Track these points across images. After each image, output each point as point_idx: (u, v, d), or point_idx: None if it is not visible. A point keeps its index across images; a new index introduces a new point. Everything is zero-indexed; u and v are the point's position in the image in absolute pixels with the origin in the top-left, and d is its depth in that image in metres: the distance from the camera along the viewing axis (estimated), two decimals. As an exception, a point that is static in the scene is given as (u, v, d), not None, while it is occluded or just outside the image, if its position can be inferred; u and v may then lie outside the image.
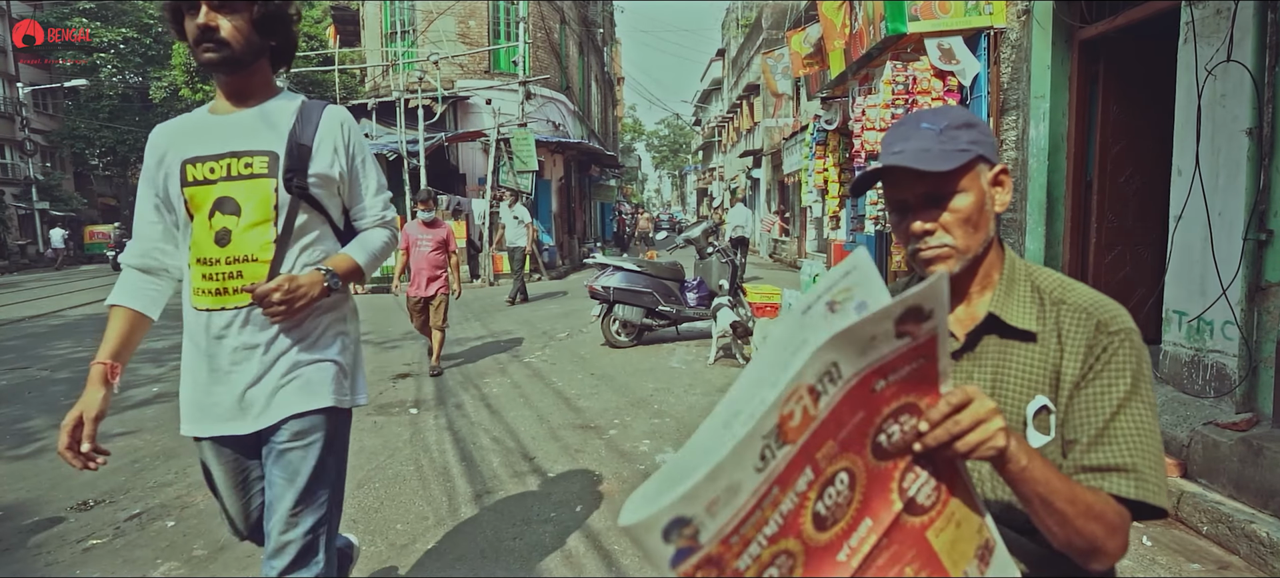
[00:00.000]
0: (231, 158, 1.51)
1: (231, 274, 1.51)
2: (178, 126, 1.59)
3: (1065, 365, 0.97)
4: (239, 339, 1.52)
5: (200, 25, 1.42)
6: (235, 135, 1.52)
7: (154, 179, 1.58)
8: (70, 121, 29.48)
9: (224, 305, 1.51)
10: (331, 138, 1.59)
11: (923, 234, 1.02)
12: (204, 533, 2.94)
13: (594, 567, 2.55)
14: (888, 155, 1.03)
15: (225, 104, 1.56)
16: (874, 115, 5.71)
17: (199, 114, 1.60)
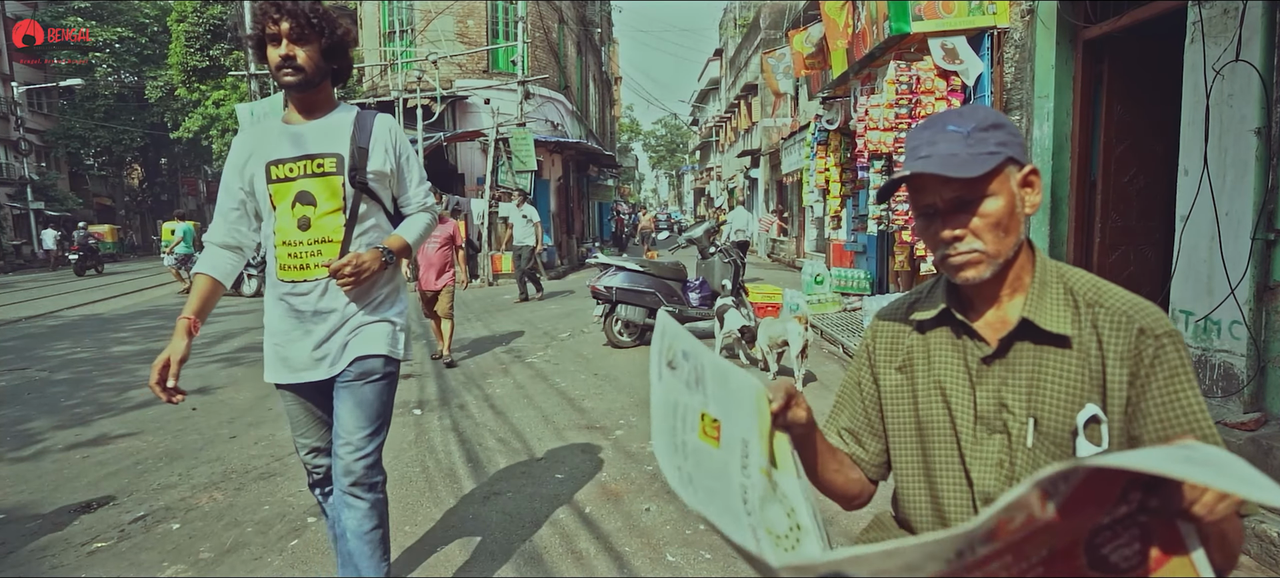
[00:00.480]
0: (307, 160, 1.90)
1: (313, 253, 1.90)
2: (259, 134, 1.96)
3: (1111, 372, 0.95)
4: (319, 305, 1.93)
5: (282, 55, 1.81)
6: (308, 142, 1.91)
7: (241, 175, 1.95)
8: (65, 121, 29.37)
9: (306, 277, 1.91)
10: (383, 141, 1.98)
11: (952, 240, 1.00)
12: (210, 536, 2.92)
13: (605, 568, 2.53)
14: (914, 160, 1.01)
15: (297, 116, 1.95)
16: (877, 115, 5.70)
17: (275, 123, 1.96)
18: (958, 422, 1.07)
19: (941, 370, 1.09)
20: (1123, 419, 0.95)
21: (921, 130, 1.04)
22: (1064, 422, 0.97)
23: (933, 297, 1.14)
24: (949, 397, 1.08)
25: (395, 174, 2.03)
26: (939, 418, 1.09)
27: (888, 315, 1.22)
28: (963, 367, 1.07)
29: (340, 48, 1.91)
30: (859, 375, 1.24)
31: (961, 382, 1.07)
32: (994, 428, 1.03)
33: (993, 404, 1.03)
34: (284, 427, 4.41)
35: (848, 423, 1.24)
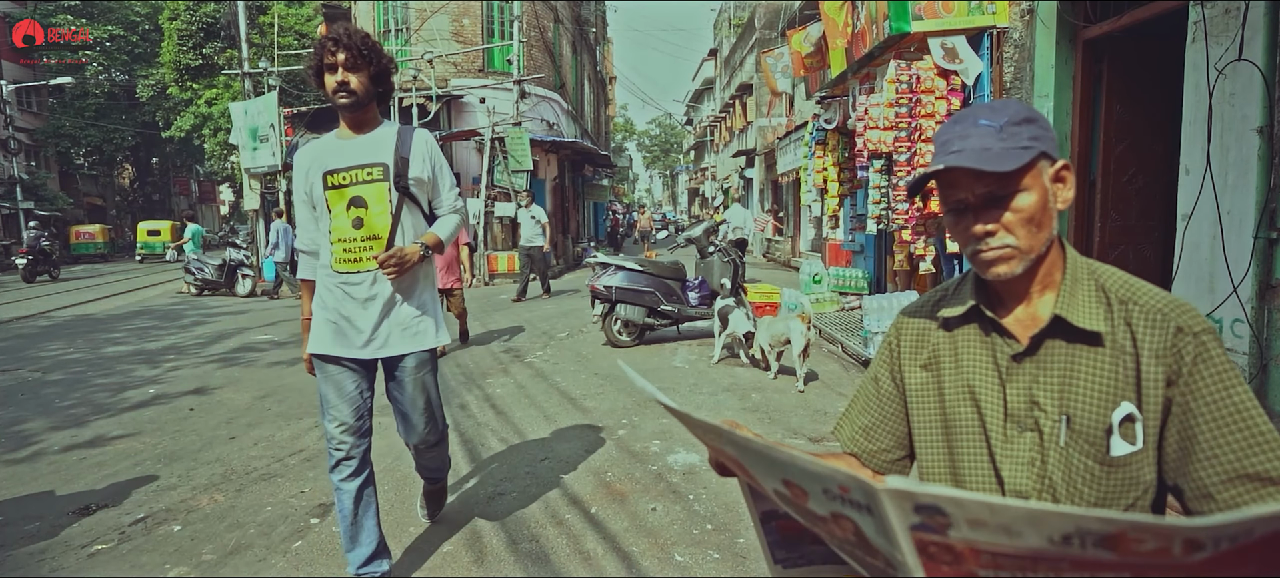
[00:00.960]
0: (358, 169, 2.24)
1: (364, 247, 2.25)
2: (317, 148, 2.31)
3: (1146, 370, 0.94)
4: (370, 292, 2.27)
5: (338, 81, 2.14)
6: (359, 154, 2.26)
7: (303, 186, 2.31)
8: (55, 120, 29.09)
9: (358, 269, 2.26)
10: (421, 152, 2.33)
11: (984, 235, 0.99)
12: (212, 538, 2.89)
13: (614, 568, 2.52)
14: (945, 155, 1.00)
15: (348, 132, 2.29)
16: (877, 114, 5.71)
17: (330, 138, 2.31)
18: (987, 420, 1.06)
19: (970, 368, 1.09)
20: (1158, 418, 0.94)
21: (953, 125, 1.03)
22: (1098, 420, 0.96)
23: (960, 294, 1.13)
24: (978, 395, 1.07)
25: (431, 181, 2.38)
26: (967, 416, 1.08)
27: (913, 313, 1.21)
28: (992, 364, 1.06)
29: (385, 74, 2.27)
30: (877, 372, 1.24)
31: (991, 380, 1.06)
32: (1025, 426, 1.02)
33: (1023, 402, 1.02)
34: (283, 428, 4.38)
35: (866, 422, 1.23)
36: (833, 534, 0.76)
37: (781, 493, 0.78)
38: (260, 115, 13.19)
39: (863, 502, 0.64)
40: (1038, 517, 0.54)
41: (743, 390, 4.97)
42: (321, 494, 3.29)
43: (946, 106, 5.40)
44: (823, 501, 0.70)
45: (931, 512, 0.58)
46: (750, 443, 0.72)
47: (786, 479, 0.73)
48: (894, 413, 1.20)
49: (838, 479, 0.65)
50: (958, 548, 0.60)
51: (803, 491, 0.72)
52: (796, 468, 0.68)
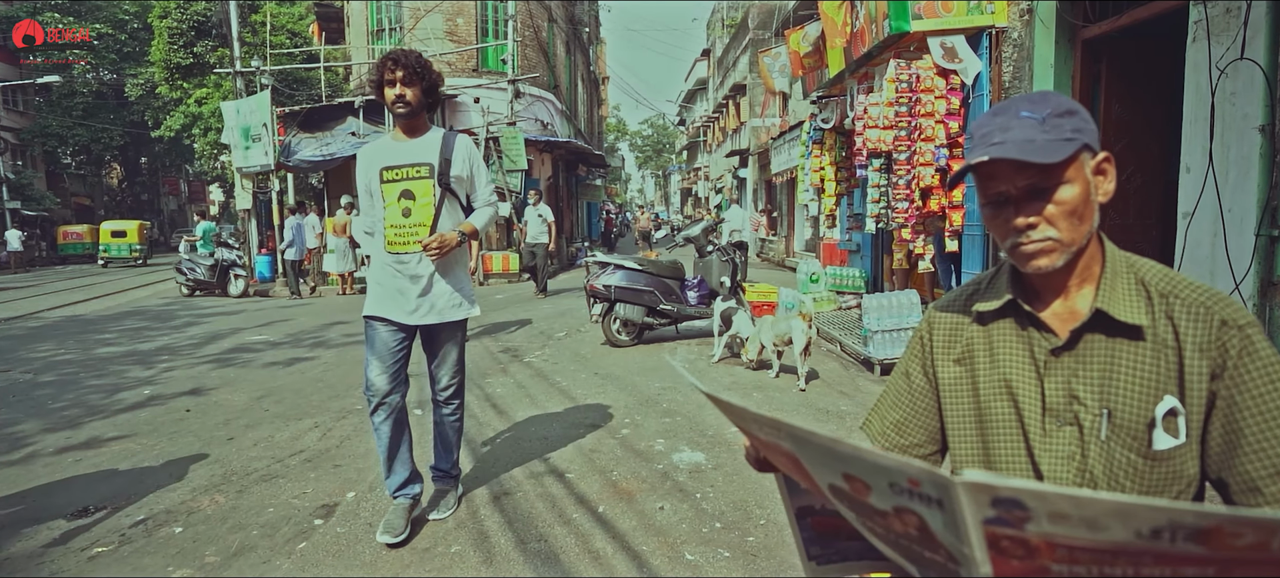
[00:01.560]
0: (409, 167, 2.71)
1: (413, 233, 2.71)
2: (375, 149, 2.80)
3: (1189, 364, 0.93)
4: (416, 269, 2.73)
5: (396, 94, 2.60)
6: (410, 154, 2.73)
7: (364, 179, 2.79)
8: (42, 119, 28.76)
9: (407, 250, 2.72)
10: (461, 154, 2.78)
11: (1025, 228, 0.99)
12: (215, 540, 2.85)
13: (624, 567, 2.50)
14: (986, 147, 0.99)
15: (402, 135, 2.76)
16: (876, 113, 5.72)
17: (386, 140, 2.80)
18: (1024, 415, 1.05)
19: (1006, 363, 1.08)
20: (1202, 412, 0.94)
21: (992, 117, 1.02)
22: (1140, 414, 0.96)
23: (995, 288, 1.13)
24: (1015, 389, 1.06)
25: (469, 178, 2.83)
26: (1003, 411, 1.08)
27: (945, 307, 1.21)
28: (1029, 358, 1.06)
29: (433, 89, 2.73)
30: (908, 367, 1.23)
31: (1028, 374, 1.05)
32: (1064, 421, 1.02)
33: (1062, 397, 1.02)
34: (282, 428, 4.34)
35: (897, 418, 1.23)
36: (890, 530, 0.75)
37: (838, 488, 0.77)
38: (252, 114, 13.08)
39: (934, 496, 0.63)
40: (1128, 510, 0.53)
41: (744, 389, 4.97)
42: (324, 495, 3.26)
43: (946, 106, 5.42)
44: (887, 495, 0.69)
45: (1011, 506, 0.58)
46: (815, 436, 0.71)
47: (847, 474, 0.72)
48: (926, 408, 1.20)
49: (908, 472, 0.64)
50: (1033, 542, 0.59)
51: (865, 485, 0.71)
52: (863, 461, 0.67)
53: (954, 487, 0.59)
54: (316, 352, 6.96)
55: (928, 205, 5.62)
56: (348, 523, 2.95)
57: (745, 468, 3.42)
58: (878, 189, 6.01)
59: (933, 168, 5.44)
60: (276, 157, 13.14)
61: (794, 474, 0.91)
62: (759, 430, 0.82)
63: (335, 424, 4.39)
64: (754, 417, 0.80)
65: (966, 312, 1.16)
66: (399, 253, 2.73)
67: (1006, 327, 1.10)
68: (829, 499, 0.85)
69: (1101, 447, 0.99)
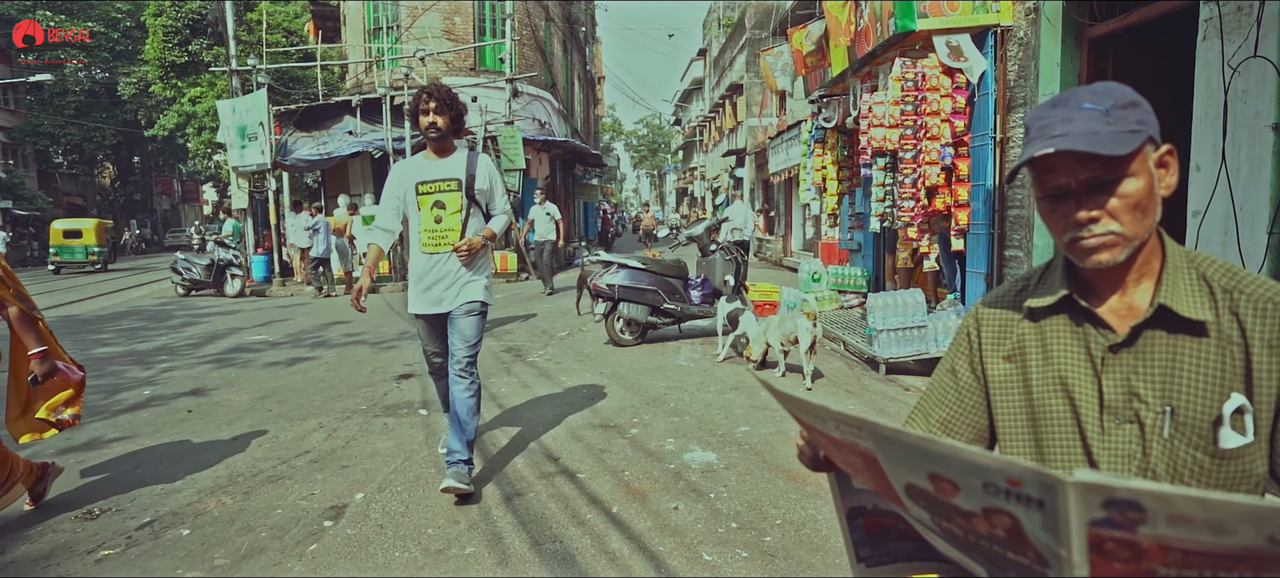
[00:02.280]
0: (441, 181, 3.24)
1: (443, 236, 3.23)
2: (409, 166, 3.33)
3: (1258, 360, 0.91)
4: (445, 267, 3.24)
5: (430, 121, 3.12)
6: (441, 171, 3.25)
7: (397, 190, 3.29)
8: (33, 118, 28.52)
9: (438, 250, 3.23)
10: (483, 170, 3.31)
11: (1087, 222, 0.96)
12: (223, 542, 2.81)
13: (642, 568, 2.48)
14: (1047, 139, 0.97)
15: (433, 155, 3.29)
16: (881, 112, 5.72)
17: (419, 159, 3.33)
18: (1081, 413, 1.03)
19: (1061, 359, 1.06)
20: (1271, 409, 0.92)
21: (1051, 109, 1.00)
22: (1205, 412, 0.94)
23: (1047, 283, 1.11)
24: (1070, 386, 1.04)
25: (489, 191, 3.34)
26: (1058, 409, 1.06)
27: (993, 303, 1.19)
28: (1085, 355, 1.04)
29: (460, 118, 3.26)
30: (954, 364, 1.21)
31: (1084, 371, 1.03)
32: (1124, 418, 1.00)
33: (1121, 394, 1.00)
34: (286, 429, 4.30)
35: (943, 416, 1.20)
36: (972, 531, 0.73)
37: (918, 488, 0.75)
38: (249, 113, 12.99)
39: (1034, 496, 0.61)
40: (1260, 514, 0.51)
41: (751, 389, 4.95)
42: (332, 497, 3.22)
43: (951, 105, 5.41)
44: (977, 496, 0.67)
45: (1125, 507, 0.56)
46: (905, 435, 0.68)
47: (934, 473, 0.70)
48: (974, 406, 1.18)
49: (1009, 472, 0.62)
50: (1143, 545, 0.57)
51: (953, 485, 0.69)
52: (959, 461, 0.65)
53: (1063, 487, 0.57)
54: (317, 352, 6.90)
55: (933, 204, 5.61)
56: (358, 525, 2.92)
57: (758, 468, 3.41)
58: (883, 188, 6.00)
59: (938, 167, 5.43)
60: (273, 156, 13.05)
61: (859, 474, 0.88)
62: (834, 429, 0.80)
63: (340, 425, 4.35)
64: (833, 415, 0.77)
65: (1016, 308, 1.14)
66: (433, 253, 3.25)
67: (1060, 323, 1.07)
68: (899, 500, 0.82)
69: (1164, 445, 0.97)
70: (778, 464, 3.45)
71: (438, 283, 3.23)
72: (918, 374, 5.50)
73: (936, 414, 1.21)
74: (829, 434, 0.83)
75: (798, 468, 3.41)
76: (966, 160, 5.53)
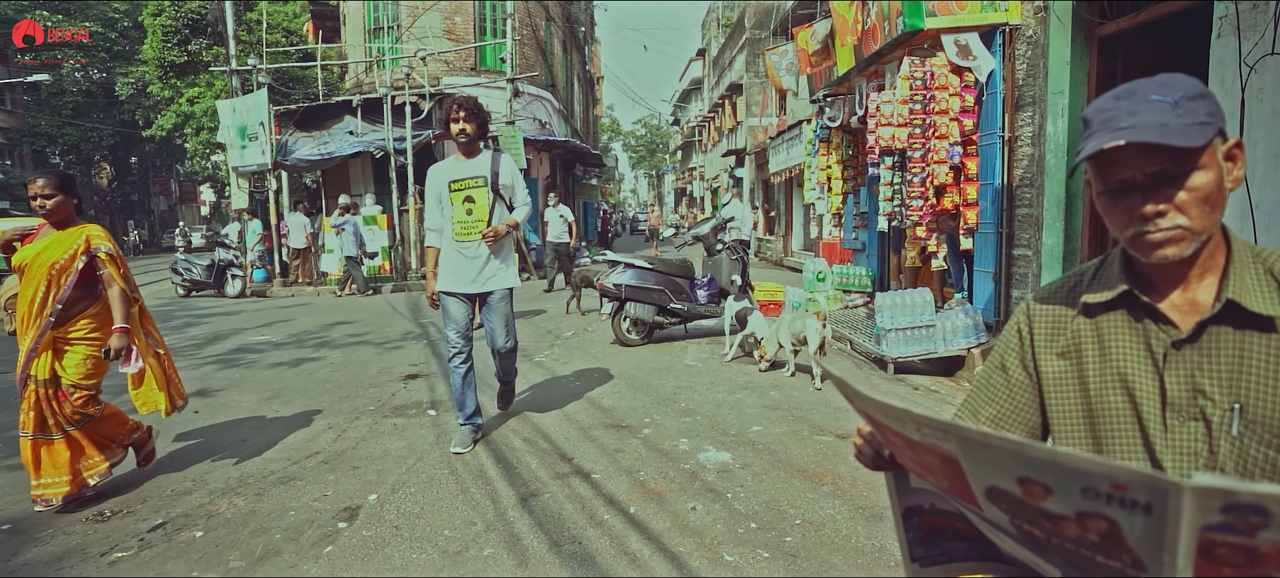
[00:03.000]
0: (470, 179, 3.71)
1: (473, 226, 3.71)
2: (443, 167, 3.78)
3: None
4: (476, 252, 3.71)
5: (460, 128, 3.61)
6: (470, 170, 3.73)
7: (435, 190, 3.77)
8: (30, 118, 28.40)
9: (469, 238, 3.70)
10: (506, 168, 3.81)
11: (1154, 216, 0.95)
12: (237, 544, 2.78)
13: (663, 569, 2.46)
14: (1113, 131, 0.95)
15: (463, 157, 3.76)
16: (889, 110, 5.70)
17: (450, 161, 3.78)
18: (1142, 409, 1.01)
19: (1119, 356, 1.04)
20: None
21: (1115, 100, 0.98)
22: (1277, 409, 0.92)
23: (1104, 278, 1.09)
24: (1130, 383, 1.02)
25: (511, 187, 3.85)
26: (1118, 406, 1.04)
27: (1046, 299, 1.17)
28: (1145, 351, 1.02)
29: (485, 125, 3.77)
30: (1004, 361, 1.19)
31: (1145, 367, 1.02)
32: (1189, 416, 0.98)
33: (1185, 391, 0.98)
34: (295, 430, 4.27)
35: (993, 413, 1.19)
36: (1058, 534, 0.71)
37: (1002, 491, 0.73)
38: (249, 113, 12.94)
39: (1141, 501, 0.59)
40: None
41: (761, 388, 4.93)
42: (345, 498, 3.19)
43: (960, 104, 5.40)
44: (1073, 499, 0.65)
45: (1246, 512, 0.54)
46: (997, 439, 0.67)
47: (1025, 477, 0.68)
48: (1026, 403, 1.16)
49: (1114, 477, 0.60)
50: (1262, 550, 0.56)
51: (1045, 488, 0.67)
52: (1057, 465, 0.63)
53: (1180, 492, 0.56)
54: (322, 352, 6.87)
55: (941, 203, 5.60)
56: (373, 526, 2.89)
57: (774, 468, 3.39)
58: (891, 187, 5.98)
59: (947, 166, 5.42)
60: (273, 156, 13.00)
61: (930, 475, 0.86)
62: (914, 432, 0.78)
63: (349, 426, 4.32)
64: (917, 418, 0.76)
65: (1070, 304, 1.12)
66: (464, 241, 3.74)
67: (1118, 319, 1.06)
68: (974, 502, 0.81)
69: (1233, 443, 0.95)
70: (793, 464, 3.43)
71: (469, 265, 3.75)
72: (926, 373, 5.49)
73: (986, 411, 1.20)
74: (906, 436, 0.81)
75: (814, 468, 3.39)
76: (975, 159, 5.52)
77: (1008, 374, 1.18)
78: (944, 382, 5.30)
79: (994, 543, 0.98)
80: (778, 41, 15.54)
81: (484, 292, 3.76)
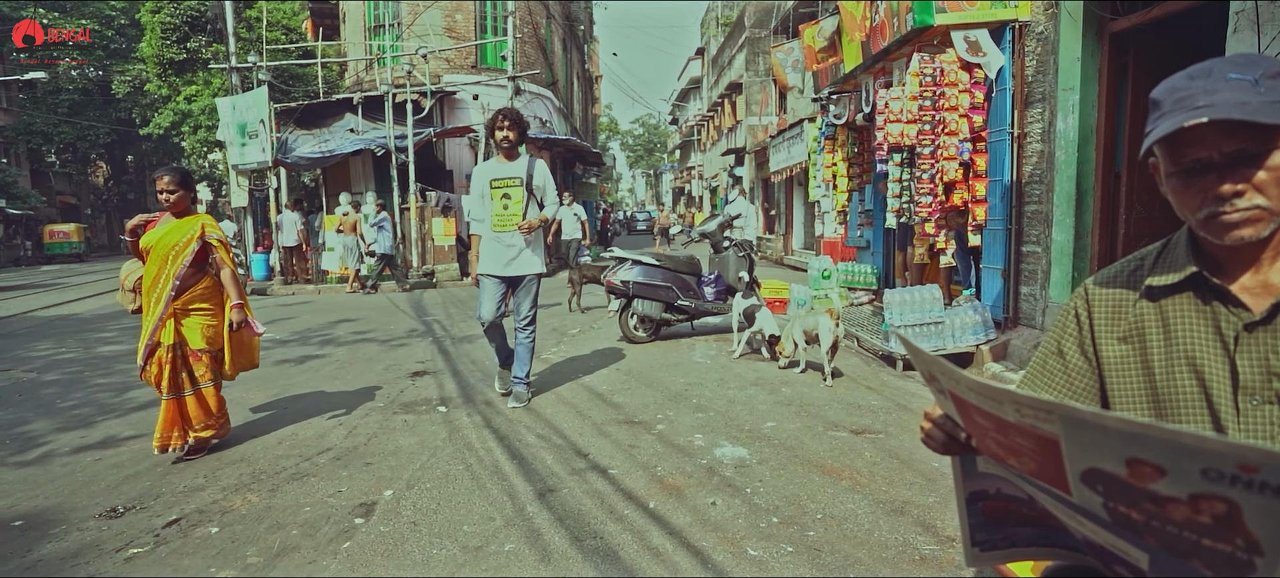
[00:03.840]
0: (509, 179, 4.35)
1: (511, 218, 4.33)
2: (487, 167, 4.44)
3: None
4: (512, 241, 4.33)
5: (503, 135, 4.30)
6: (510, 171, 4.36)
7: (479, 187, 4.43)
8: (26, 116, 28.23)
9: (506, 229, 4.33)
10: (539, 172, 4.41)
11: (1231, 196, 0.93)
12: (254, 540, 2.76)
13: (688, 565, 2.44)
14: (1191, 110, 0.93)
15: (503, 160, 4.40)
16: (898, 107, 5.69)
17: (493, 162, 4.43)
18: (1212, 393, 1.00)
19: (1187, 339, 1.03)
20: None
21: (1190, 80, 0.96)
22: None
23: (1168, 261, 1.07)
24: (1200, 366, 1.01)
25: (543, 187, 4.45)
26: (1187, 390, 1.02)
27: (1105, 283, 1.15)
28: (1214, 334, 1.00)
29: (524, 133, 4.38)
30: (1061, 345, 1.17)
31: (1215, 350, 1.00)
32: (1264, 399, 0.96)
33: (1259, 374, 0.97)
34: (305, 426, 4.24)
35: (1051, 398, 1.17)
36: (1161, 516, 0.70)
37: (1104, 472, 0.71)
38: (249, 111, 12.88)
39: (1272, 483, 0.58)
40: None
41: (772, 384, 4.92)
42: (360, 494, 3.17)
43: (970, 100, 5.40)
44: (1191, 481, 0.63)
45: None
46: (1115, 418, 0.65)
47: (1135, 458, 0.66)
48: (1085, 388, 1.14)
49: (1243, 458, 0.58)
50: None
51: (1158, 469, 0.65)
52: (1178, 444, 0.61)
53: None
54: (327, 350, 6.83)
55: (950, 200, 5.59)
56: (391, 522, 2.87)
57: (791, 463, 3.37)
58: (899, 183, 5.98)
59: (956, 162, 5.41)
60: (274, 154, 12.94)
61: (1017, 457, 0.85)
62: (1012, 413, 0.77)
63: (359, 422, 4.29)
64: (1016, 398, 0.74)
65: (1132, 287, 1.11)
66: (501, 231, 4.34)
67: (1184, 301, 1.04)
68: (1064, 486, 0.79)
69: (1311, 426, 0.94)
70: (810, 459, 3.42)
71: (505, 251, 4.35)
72: (935, 370, 5.48)
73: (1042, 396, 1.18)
74: (999, 417, 0.79)
75: (831, 463, 3.38)
76: (984, 156, 5.52)
77: (1065, 359, 1.16)
78: (953, 378, 5.29)
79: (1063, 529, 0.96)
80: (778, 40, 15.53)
81: (517, 276, 4.36)
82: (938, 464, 3.33)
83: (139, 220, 3.72)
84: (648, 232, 36.19)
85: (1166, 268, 1.07)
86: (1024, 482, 0.93)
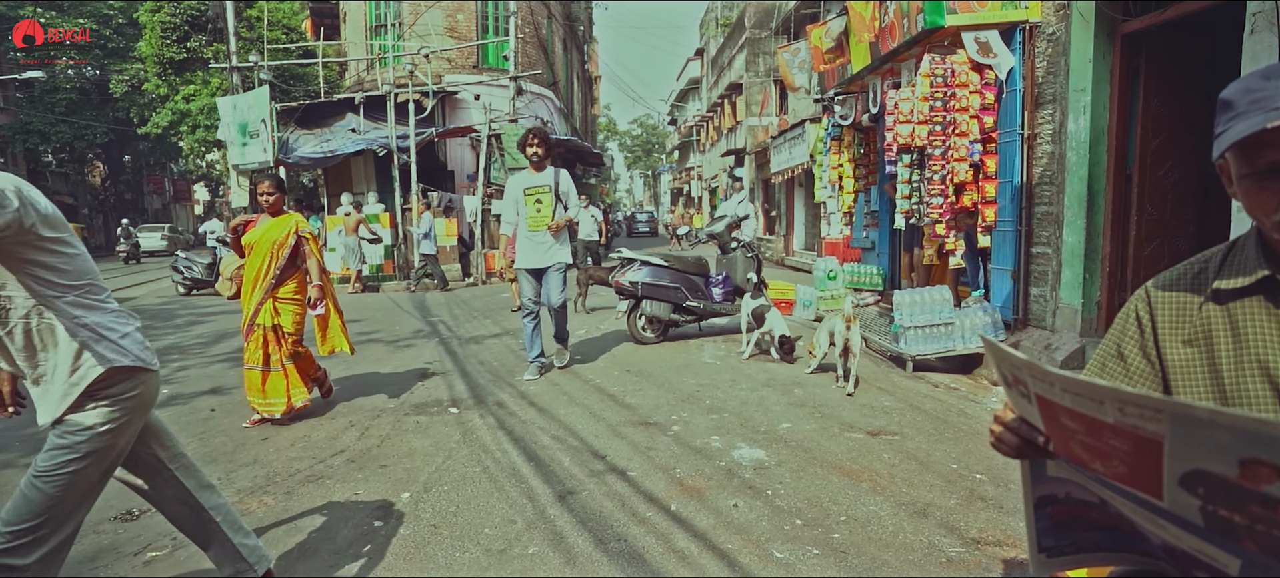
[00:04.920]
0: (540, 187, 5.24)
1: (542, 219, 5.19)
2: (520, 177, 5.32)
3: None
4: (542, 239, 5.21)
5: (534, 150, 5.23)
6: (540, 181, 5.25)
7: (514, 193, 5.31)
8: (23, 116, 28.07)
9: (537, 228, 5.21)
10: (564, 181, 5.31)
11: None
12: (273, 543, 2.73)
13: (714, 567, 2.42)
14: (1270, 111, 0.92)
15: (533, 171, 5.28)
16: (908, 108, 5.69)
17: (525, 173, 5.33)
18: None
19: (1258, 342, 1.02)
20: None
21: (1266, 81, 0.95)
22: None
23: (1236, 264, 1.06)
24: (1273, 370, 1.00)
25: (567, 193, 5.26)
26: (1258, 394, 1.01)
27: (1167, 285, 1.14)
28: None
29: (552, 149, 5.34)
30: (1121, 348, 1.16)
31: None
32: (1340, 402, 0.95)
33: None
34: (317, 428, 4.22)
35: None
36: (1269, 519, 0.69)
37: (1206, 473, 0.70)
38: (250, 110, 12.84)
39: None
40: None
41: (783, 386, 4.91)
42: (378, 496, 3.15)
43: (980, 101, 5.40)
44: None
45: None
46: (1236, 417, 0.64)
47: (1254, 458, 0.65)
48: (1152, 390, 1.13)
49: None
50: None
51: (1276, 470, 0.64)
52: None
53: None
54: (332, 350, 6.80)
55: (960, 201, 5.59)
56: (411, 525, 2.85)
57: (810, 465, 3.36)
58: (909, 184, 5.97)
59: (967, 163, 5.41)
60: (275, 153, 12.90)
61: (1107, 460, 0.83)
62: (1113, 413, 0.75)
63: (371, 423, 4.27)
64: (1121, 395, 0.73)
65: (1197, 290, 1.10)
66: (534, 231, 5.16)
67: (1254, 305, 1.03)
68: (1157, 490, 0.78)
69: (1389, 430, 0.93)
70: (828, 461, 3.41)
71: (538, 248, 5.16)
72: (943, 371, 5.47)
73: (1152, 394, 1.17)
74: (1096, 418, 0.78)
75: (850, 464, 3.37)
76: (994, 157, 5.51)
77: (1126, 362, 1.15)
78: (962, 379, 5.29)
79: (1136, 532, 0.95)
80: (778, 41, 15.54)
81: (547, 265, 5.16)
82: (956, 466, 3.32)
83: (240, 221, 4.30)
84: (650, 232, 36.13)
85: (1235, 271, 1.06)
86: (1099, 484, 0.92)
